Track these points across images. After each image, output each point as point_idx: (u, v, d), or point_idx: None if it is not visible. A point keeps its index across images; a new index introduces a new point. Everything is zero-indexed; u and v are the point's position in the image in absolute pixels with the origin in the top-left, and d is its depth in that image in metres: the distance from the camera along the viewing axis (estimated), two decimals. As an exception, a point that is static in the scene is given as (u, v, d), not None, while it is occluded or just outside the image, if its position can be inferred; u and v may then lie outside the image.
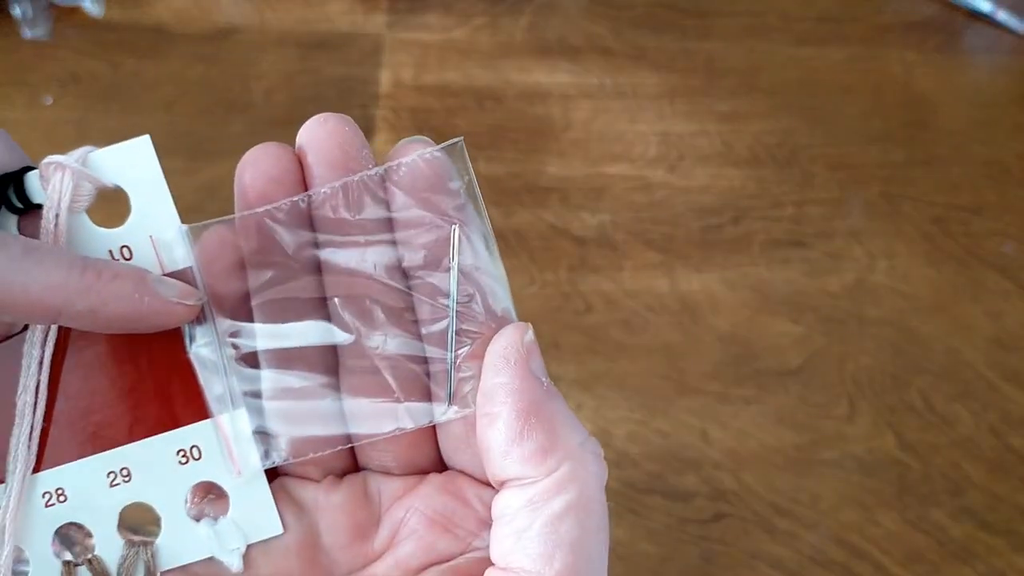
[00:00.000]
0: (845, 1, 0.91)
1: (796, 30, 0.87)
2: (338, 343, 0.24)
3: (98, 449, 0.24)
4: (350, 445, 0.25)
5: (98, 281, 0.22)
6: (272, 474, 0.25)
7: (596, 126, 0.78)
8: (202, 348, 0.24)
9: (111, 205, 0.25)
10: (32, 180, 0.23)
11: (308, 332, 0.24)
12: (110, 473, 0.24)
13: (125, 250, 0.24)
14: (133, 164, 0.24)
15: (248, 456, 0.24)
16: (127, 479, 0.24)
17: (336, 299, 0.24)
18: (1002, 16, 0.88)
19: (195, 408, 0.24)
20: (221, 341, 0.24)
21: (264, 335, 0.24)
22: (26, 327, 0.24)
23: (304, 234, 0.24)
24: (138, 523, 0.25)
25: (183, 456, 0.24)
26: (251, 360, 0.24)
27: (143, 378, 0.24)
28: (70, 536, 0.24)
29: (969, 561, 0.56)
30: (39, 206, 0.23)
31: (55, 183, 0.23)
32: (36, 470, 0.24)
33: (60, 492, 0.24)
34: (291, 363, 0.24)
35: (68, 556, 0.24)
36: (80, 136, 0.72)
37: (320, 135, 0.23)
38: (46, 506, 0.24)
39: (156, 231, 0.24)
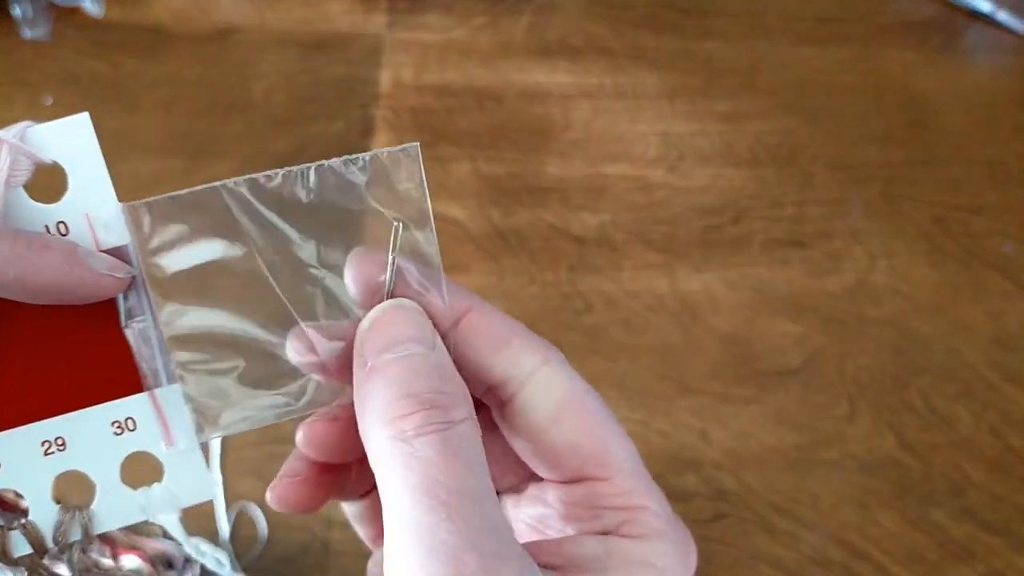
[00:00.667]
0: (845, 1, 0.91)
1: (796, 30, 0.87)
2: (267, 336, 0.25)
3: (33, 419, 0.25)
4: (277, 421, 0.26)
5: (28, 250, 0.23)
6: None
7: (596, 126, 0.78)
8: (137, 323, 0.25)
9: (49, 180, 0.25)
10: None
11: (241, 318, 0.25)
12: (44, 442, 0.25)
13: (61, 226, 0.24)
14: (71, 141, 0.24)
15: (181, 430, 0.25)
16: (62, 448, 0.25)
17: (277, 281, 0.25)
18: (1002, 16, 0.88)
19: (130, 381, 0.25)
20: (157, 318, 0.25)
21: (200, 315, 0.25)
22: None
23: (256, 214, 0.24)
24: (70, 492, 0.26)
25: (118, 427, 0.25)
26: (185, 338, 0.25)
27: (79, 351, 0.25)
28: (2, 502, 0.25)
29: (969, 561, 0.56)
30: None
31: None
32: None
33: None
34: (223, 345, 0.25)
35: (1, 522, 0.25)
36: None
37: None
38: None
39: (93, 208, 0.24)
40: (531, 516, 0.28)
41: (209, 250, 0.24)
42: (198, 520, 0.51)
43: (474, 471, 0.22)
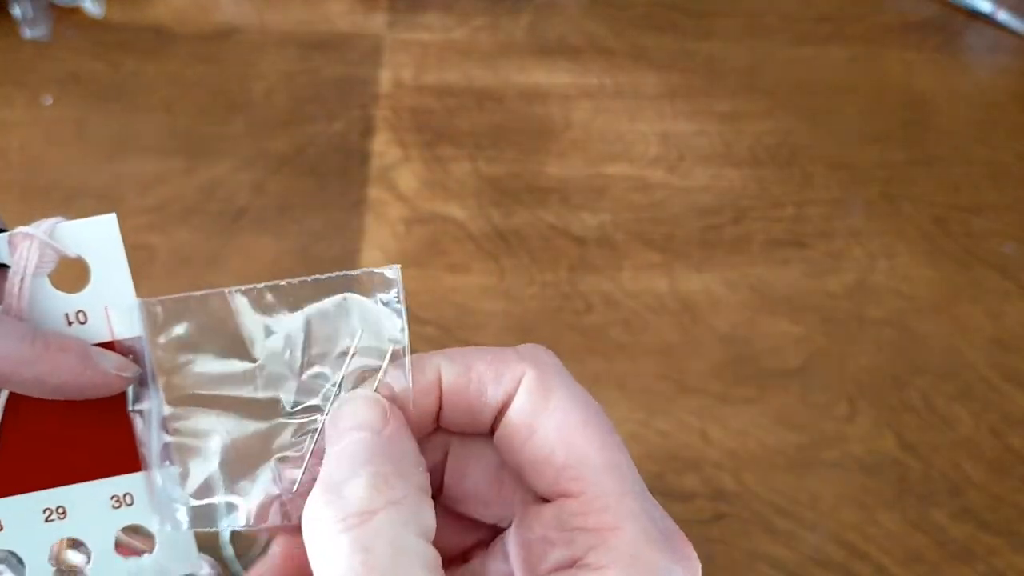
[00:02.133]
0: (845, 1, 0.91)
1: (796, 30, 0.87)
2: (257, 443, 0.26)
3: (37, 487, 0.26)
4: (243, 528, 0.26)
5: (47, 352, 0.24)
6: None
7: (596, 126, 0.78)
8: (142, 408, 0.26)
9: (73, 271, 0.27)
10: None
11: (237, 424, 0.26)
12: (46, 510, 0.26)
13: (80, 315, 0.26)
14: (97, 239, 0.26)
15: (171, 511, 0.27)
16: (62, 516, 0.26)
17: (268, 395, 0.26)
18: (1002, 16, 0.88)
19: (131, 460, 0.27)
20: (161, 407, 0.26)
21: (201, 415, 0.26)
22: None
23: (258, 321, 0.26)
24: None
25: (116, 501, 0.27)
26: (186, 430, 0.26)
27: (87, 427, 0.26)
28: (3, 562, 0.27)
29: (969, 561, 0.56)
30: (4, 266, 0.25)
31: (22, 251, 0.25)
32: None
33: None
34: (220, 449, 0.26)
35: None
36: (80, 136, 0.72)
37: None
38: None
39: (112, 301, 0.26)
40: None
41: (212, 359, 0.26)
42: (198, 520, 0.51)
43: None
